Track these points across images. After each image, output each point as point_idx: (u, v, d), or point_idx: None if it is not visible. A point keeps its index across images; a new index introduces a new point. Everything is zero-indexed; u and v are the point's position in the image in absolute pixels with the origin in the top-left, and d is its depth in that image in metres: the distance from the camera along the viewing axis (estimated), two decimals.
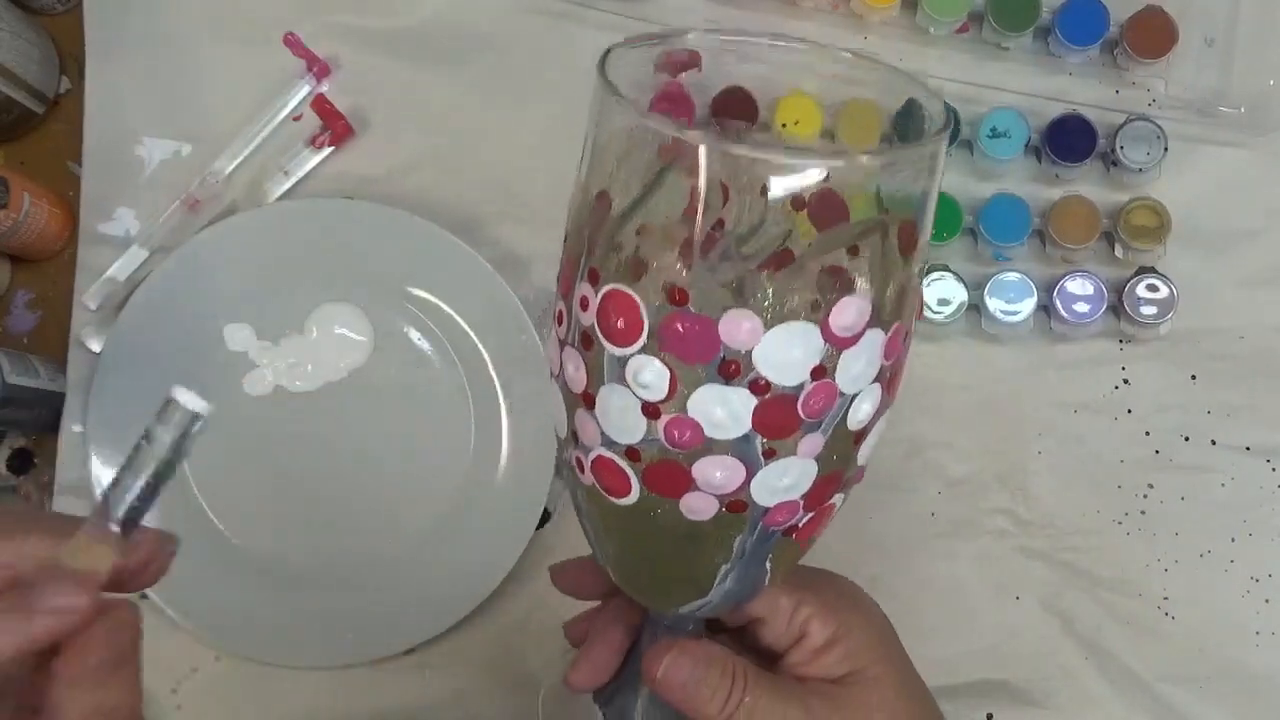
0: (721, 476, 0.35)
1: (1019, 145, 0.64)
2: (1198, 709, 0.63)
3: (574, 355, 0.35)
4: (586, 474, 0.37)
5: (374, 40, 0.67)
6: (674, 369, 0.34)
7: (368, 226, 0.65)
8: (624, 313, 0.34)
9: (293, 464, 0.65)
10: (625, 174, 0.35)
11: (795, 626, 0.42)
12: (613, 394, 0.35)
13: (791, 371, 0.34)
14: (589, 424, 0.36)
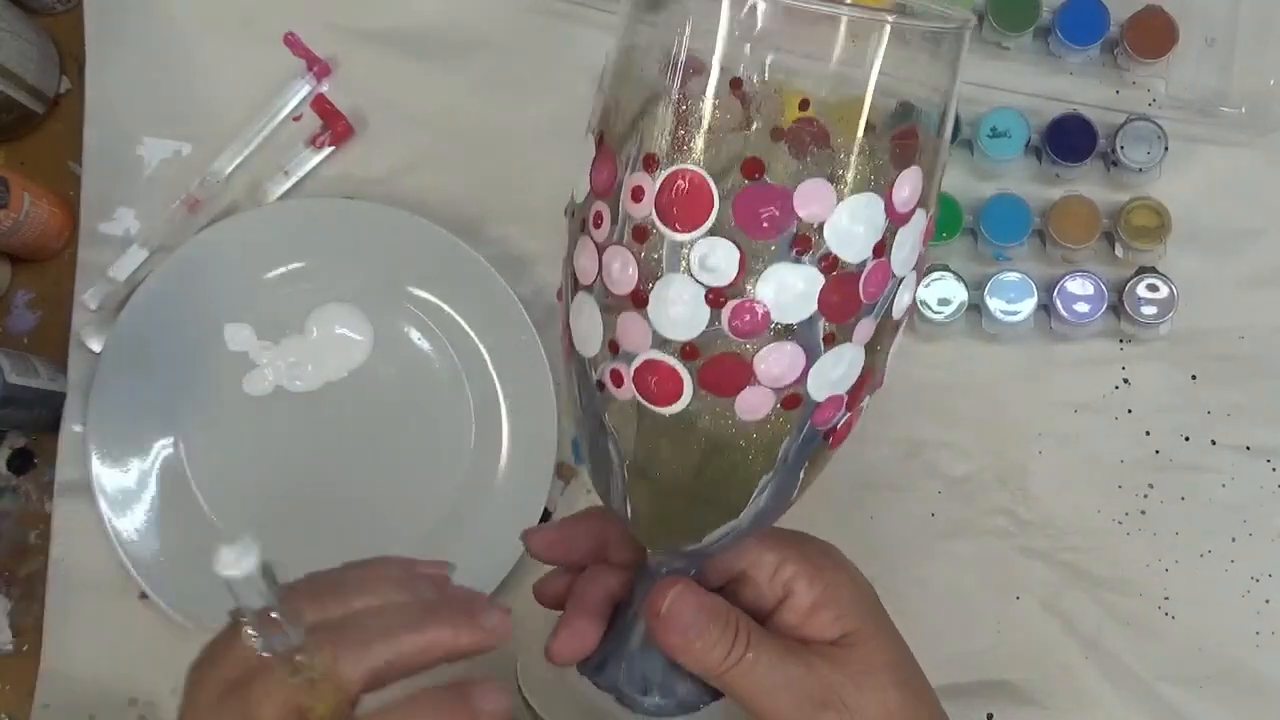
0: (781, 366, 0.35)
1: (1019, 145, 0.64)
2: (1198, 709, 0.63)
3: (620, 254, 0.34)
4: (625, 386, 0.35)
5: (374, 40, 0.67)
6: (744, 248, 0.33)
7: (368, 226, 0.65)
8: (692, 194, 0.33)
9: (293, 464, 0.65)
10: (663, 47, 0.33)
11: (779, 585, 0.41)
12: (671, 285, 0.34)
13: (857, 247, 0.34)
14: (636, 326, 0.34)
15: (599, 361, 0.36)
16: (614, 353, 0.36)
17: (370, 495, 0.65)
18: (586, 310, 0.36)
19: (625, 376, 0.35)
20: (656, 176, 0.33)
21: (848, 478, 0.65)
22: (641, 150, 0.33)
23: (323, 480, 0.65)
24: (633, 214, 0.34)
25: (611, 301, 0.35)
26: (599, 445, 0.38)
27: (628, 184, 0.34)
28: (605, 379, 0.36)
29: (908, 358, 0.66)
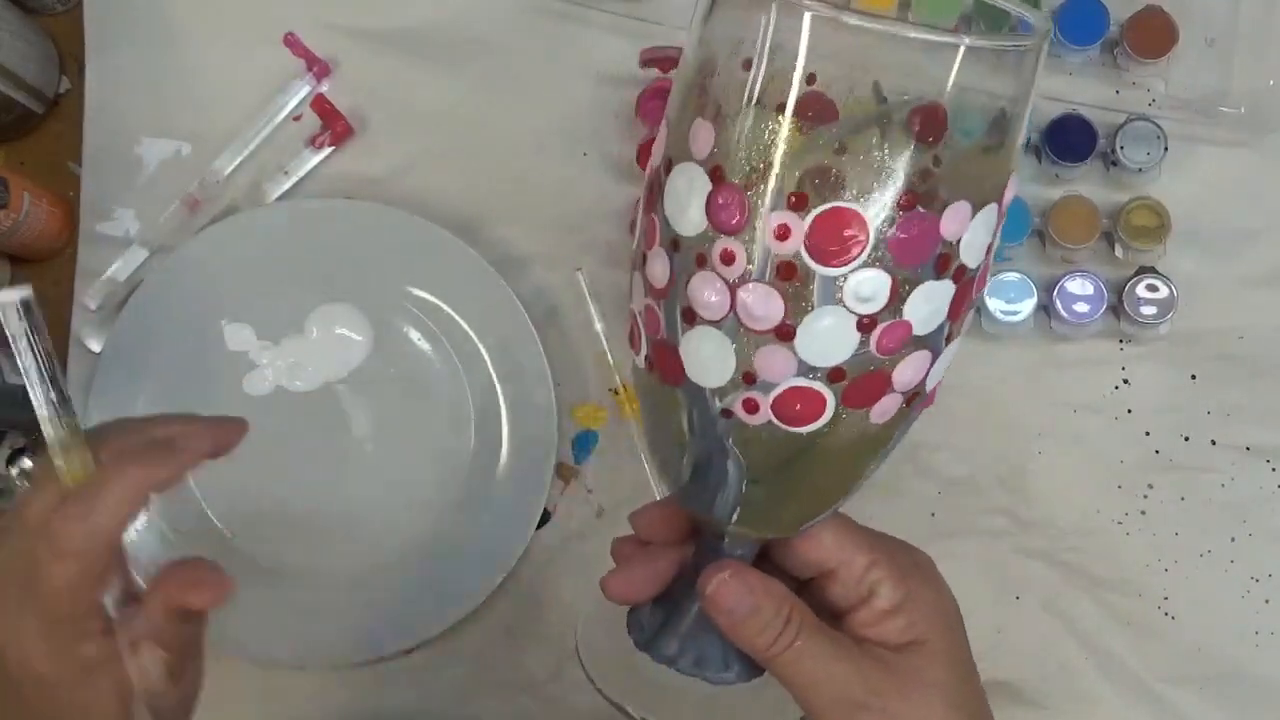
0: (914, 371, 0.37)
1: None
2: (1198, 709, 0.63)
3: (761, 290, 0.34)
4: (761, 413, 0.36)
5: (374, 40, 0.67)
6: (894, 274, 0.34)
7: (368, 226, 0.65)
8: (848, 229, 0.33)
9: (293, 464, 0.65)
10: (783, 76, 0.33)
11: (865, 586, 0.42)
12: (823, 317, 0.34)
13: (980, 253, 0.36)
14: (780, 358, 0.35)
15: (727, 391, 0.36)
16: (749, 383, 0.36)
17: (370, 495, 0.65)
18: (712, 345, 0.36)
19: (762, 404, 0.36)
20: (806, 215, 0.33)
21: None
22: (784, 188, 0.33)
23: (323, 480, 0.65)
24: (778, 251, 0.34)
25: (747, 335, 0.35)
26: (713, 466, 0.39)
27: (770, 222, 0.34)
28: (735, 407, 0.37)
29: None
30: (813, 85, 0.34)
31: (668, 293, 0.36)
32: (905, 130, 0.34)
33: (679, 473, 0.40)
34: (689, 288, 0.35)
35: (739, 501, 0.40)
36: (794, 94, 0.33)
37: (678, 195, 0.35)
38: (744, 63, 0.34)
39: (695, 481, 0.40)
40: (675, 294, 0.36)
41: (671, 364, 0.37)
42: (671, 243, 0.36)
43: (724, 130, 0.35)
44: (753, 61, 0.34)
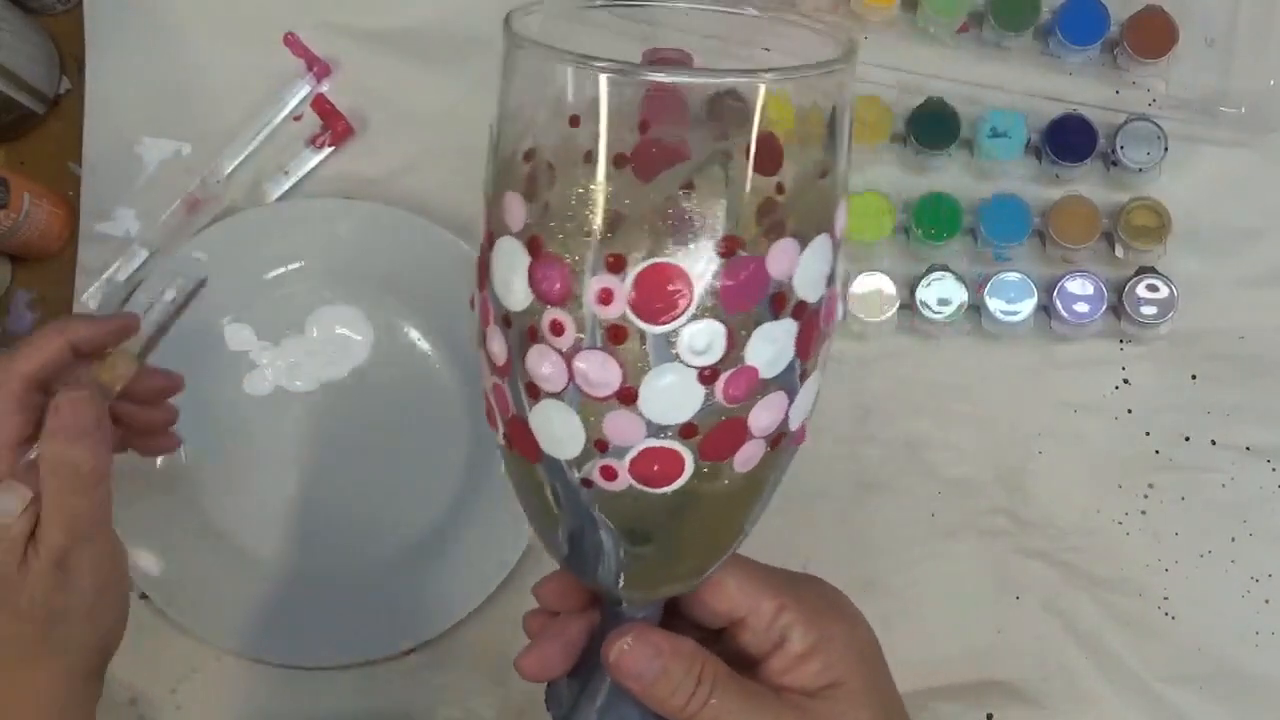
0: (771, 415, 0.35)
1: (1019, 145, 0.64)
2: (1198, 709, 0.63)
3: (596, 357, 0.33)
4: (620, 479, 0.35)
5: (374, 40, 0.67)
6: (727, 322, 0.33)
7: (368, 226, 0.65)
8: (669, 284, 0.32)
9: (293, 464, 0.65)
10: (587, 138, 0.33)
11: (776, 631, 0.41)
12: (663, 376, 0.33)
13: (818, 287, 0.35)
14: (627, 421, 0.34)
15: (583, 461, 0.35)
16: (602, 450, 0.35)
17: (370, 495, 0.65)
18: (559, 417, 0.35)
19: (620, 470, 0.35)
20: (626, 276, 0.32)
21: (848, 478, 0.65)
22: (600, 252, 0.33)
23: (322, 480, 0.65)
24: (603, 316, 0.33)
25: (590, 403, 0.34)
26: (586, 536, 0.38)
27: (590, 288, 0.33)
28: (593, 476, 0.36)
29: (907, 358, 0.66)
30: (645, 132, 0.34)
31: (509, 370, 0.36)
32: (728, 170, 0.33)
33: (558, 546, 0.39)
34: (526, 362, 0.35)
35: (621, 567, 0.39)
36: (602, 160, 0.33)
37: (501, 271, 0.34)
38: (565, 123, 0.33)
39: (574, 553, 0.39)
40: (516, 370, 0.35)
41: (526, 440, 0.36)
42: (503, 319, 0.35)
43: (535, 200, 0.34)
44: (563, 126, 0.33)
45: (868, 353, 0.66)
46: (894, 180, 0.66)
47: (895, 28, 0.66)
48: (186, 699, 0.64)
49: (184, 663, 0.64)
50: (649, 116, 0.34)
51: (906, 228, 0.65)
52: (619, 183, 0.33)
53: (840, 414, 0.66)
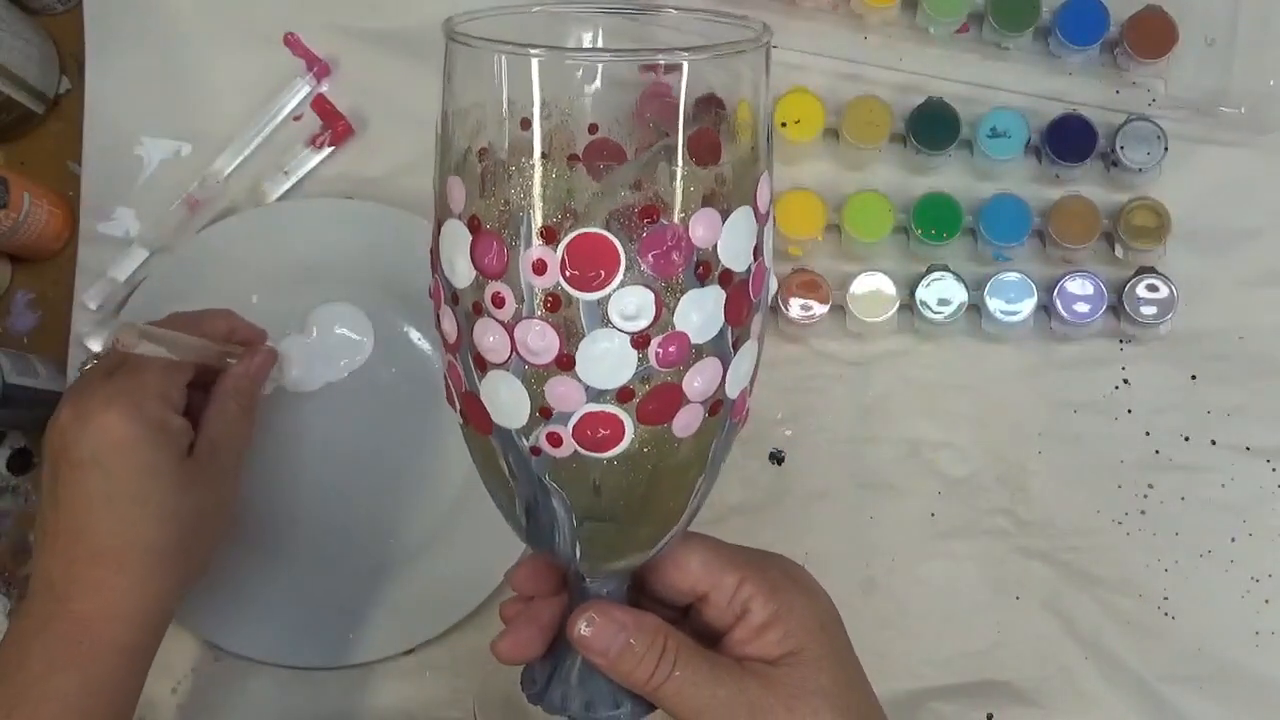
0: (705, 380, 0.37)
1: (1019, 145, 0.64)
2: (1198, 709, 0.63)
3: (534, 326, 0.35)
4: (565, 444, 0.37)
5: (374, 40, 0.67)
6: (654, 289, 0.35)
7: (368, 226, 0.65)
8: (598, 253, 0.35)
9: (293, 464, 0.65)
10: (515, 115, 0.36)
11: (737, 605, 0.42)
12: (597, 341, 0.35)
13: (743, 257, 0.37)
14: (567, 387, 0.36)
15: (530, 429, 0.37)
16: (546, 417, 0.37)
17: (371, 495, 0.65)
18: (505, 386, 0.37)
19: (564, 436, 0.37)
20: (558, 246, 0.35)
21: (848, 478, 0.65)
22: (532, 224, 0.35)
23: (323, 480, 0.65)
24: (539, 285, 0.35)
25: (532, 371, 0.36)
26: (540, 505, 0.40)
27: (525, 259, 0.35)
28: (541, 443, 0.38)
29: (907, 357, 0.66)
30: (594, 134, 0.37)
31: (459, 345, 0.38)
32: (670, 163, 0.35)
33: (517, 519, 0.41)
34: (473, 336, 0.37)
35: (575, 536, 0.40)
36: (537, 138, 0.35)
37: (447, 251, 0.37)
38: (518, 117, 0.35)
39: (531, 524, 0.41)
40: (464, 345, 0.37)
41: (478, 413, 0.38)
42: (452, 297, 0.37)
43: (474, 183, 0.36)
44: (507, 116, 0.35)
45: (868, 353, 0.66)
46: (894, 180, 0.66)
47: (895, 28, 0.66)
48: (186, 699, 0.64)
49: (184, 663, 0.64)
50: (642, 111, 0.37)
51: (906, 228, 0.65)
52: (556, 168, 0.35)
53: (840, 414, 0.66)
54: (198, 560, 0.55)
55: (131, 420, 0.51)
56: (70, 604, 0.50)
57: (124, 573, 0.51)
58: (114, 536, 0.51)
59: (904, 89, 0.66)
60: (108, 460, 0.50)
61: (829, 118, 0.64)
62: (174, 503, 0.52)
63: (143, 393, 0.52)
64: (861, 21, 0.66)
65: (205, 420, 0.56)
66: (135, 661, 0.52)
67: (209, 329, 0.58)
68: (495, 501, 0.42)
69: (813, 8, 0.66)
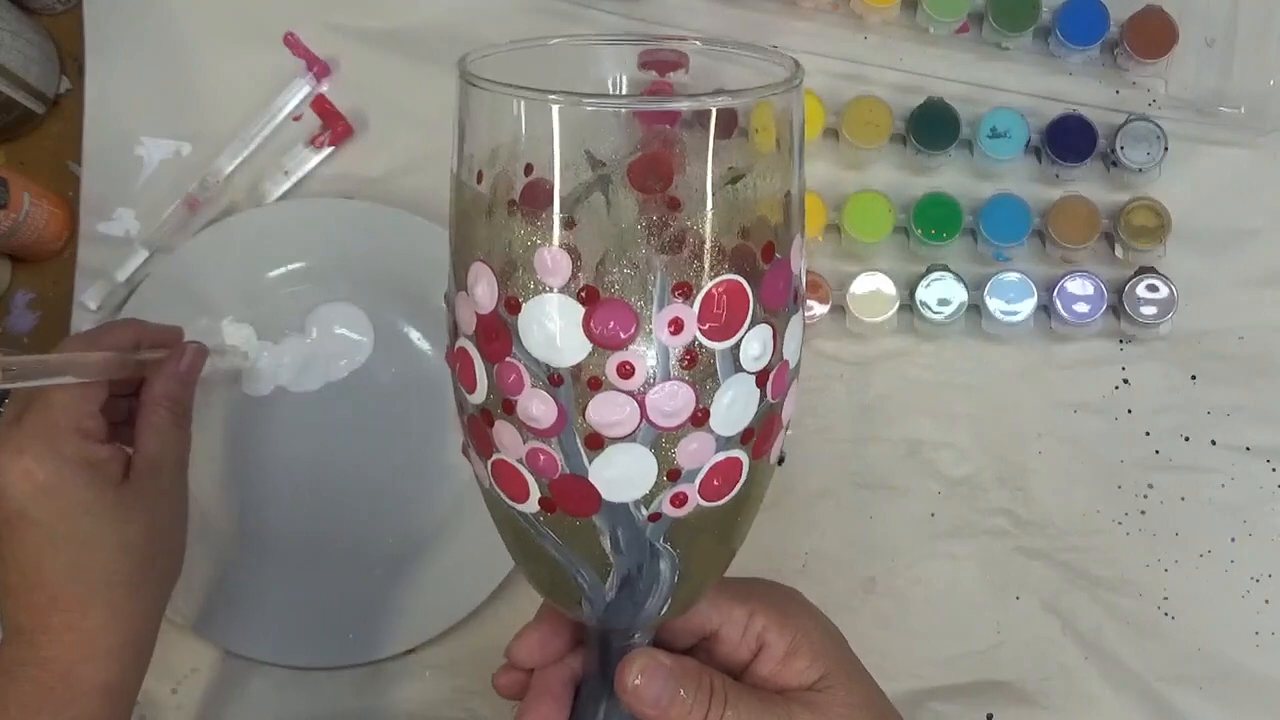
0: (792, 403, 0.37)
1: (1019, 145, 0.64)
2: (1198, 709, 0.63)
3: (670, 389, 0.33)
4: (690, 502, 0.35)
5: (374, 40, 0.67)
6: (773, 324, 0.35)
7: (368, 226, 0.65)
8: (733, 299, 0.33)
9: (293, 464, 0.65)
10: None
11: (751, 638, 0.41)
12: (730, 389, 0.34)
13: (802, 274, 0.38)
14: (700, 443, 0.34)
15: (654, 495, 0.35)
16: (674, 479, 0.35)
17: (370, 495, 0.65)
18: (628, 458, 0.35)
19: (690, 493, 0.35)
20: (694, 301, 0.33)
21: (848, 478, 0.65)
22: (666, 283, 0.33)
23: (323, 480, 0.65)
24: (676, 345, 0.33)
25: (662, 434, 0.34)
26: (645, 572, 0.37)
27: (660, 321, 0.33)
28: (663, 508, 0.36)
29: (907, 357, 0.66)
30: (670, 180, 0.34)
31: (560, 428, 0.34)
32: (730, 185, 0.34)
33: (601, 598, 0.38)
34: (588, 415, 0.34)
35: (672, 592, 0.38)
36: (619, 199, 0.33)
37: (544, 330, 0.33)
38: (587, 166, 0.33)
39: (624, 597, 0.38)
40: (571, 427, 0.34)
41: (582, 496, 0.35)
42: (549, 380, 0.34)
43: (585, 247, 0.33)
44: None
45: (868, 353, 0.66)
46: (894, 180, 0.66)
47: (895, 28, 0.66)
48: (186, 699, 0.64)
49: (184, 663, 0.64)
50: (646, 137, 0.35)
51: (906, 228, 0.65)
52: (658, 213, 0.33)
53: (841, 414, 0.66)
54: (165, 578, 0.53)
55: (50, 463, 0.48)
56: (41, 650, 0.48)
57: (89, 614, 0.49)
58: (69, 582, 0.49)
59: (904, 89, 0.66)
60: (38, 510, 0.48)
61: (829, 118, 0.64)
62: (119, 535, 0.50)
63: (54, 431, 0.49)
64: (861, 21, 0.66)
65: (137, 435, 0.53)
66: (116, 699, 0.50)
67: (112, 342, 0.54)
68: (564, 593, 0.39)
69: (813, 8, 0.66)
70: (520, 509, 0.37)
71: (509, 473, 0.36)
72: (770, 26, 0.66)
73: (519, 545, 0.39)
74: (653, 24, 0.66)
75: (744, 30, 0.66)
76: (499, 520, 0.40)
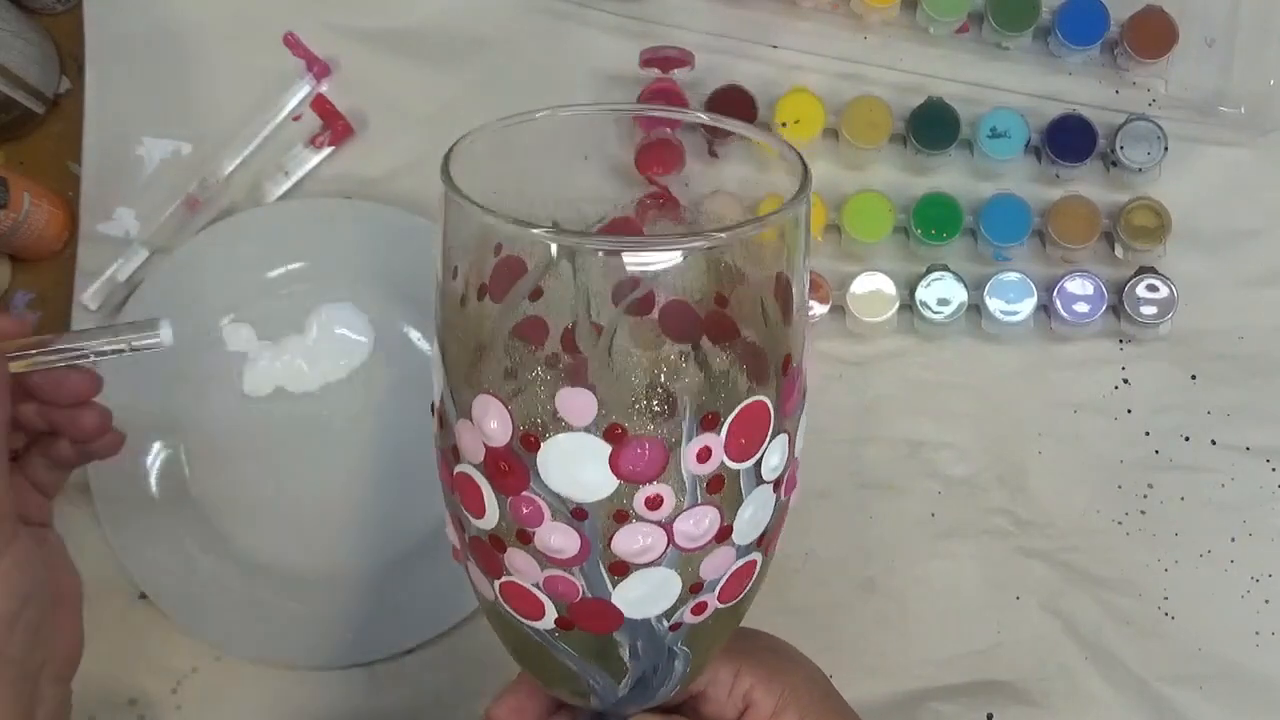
0: (795, 492, 0.37)
1: (1019, 145, 0.64)
2: (1198, 709, 0.63)
3: (697, 514, 0.34)
4: (709, 609, 0.36)
5: (374, 40, 0.67)
6: (789, 431, 0.35)
7: (368, 226, 0.65)
8: (756, 420, 0.33)
9: (293, 464, 0.65)
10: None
11: (738, 696, 0.41)
12: (752, 502, 0.35)
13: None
14: (723, 557, 0.35)
15: (675, 609, 0.36)
16: (697, 591, 0.35)
17: (370, 496, 0.65)
18: (652, 581, 0.35)
19: (710, 601, 0.36)
20: (721, 429, 0.33)
21: (848, 478, 0.65)
22: (695, 414, 0.32)
23: (322, 481, 0.65)
24: (703, 473, 0.33)
25: (687, 555, 0.34)
26: (659, 671, 0.38)
27: (688, 453, 0.33)
28: (684, 618, 0.36)
29: (907, 358, 0.66)
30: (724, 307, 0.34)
31: (584, 558, 0.34)
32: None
33: (612, 695, 0.38)
34: (614, 545, 0.33)
35: (681, 682, 0.39)
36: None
37: (565, 468, 0.33)
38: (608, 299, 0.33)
39: (636, 693, 0.38)
40: (595, 557, 0.34)
41: (603, 615, 0.35)
42: (573, 513, 0.33)
43: (604, 387, 0.32)
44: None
45: (868, 353, 0.66)
46: (894, 180, 0.66)
47: (895, 28, 0.66)
48: (186, 699, 0.64)
49: (184, 663, 0.64)
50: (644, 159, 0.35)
51: (906, 228, 0.65)
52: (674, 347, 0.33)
53: (840, 414, 0.66)
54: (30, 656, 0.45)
55: None
56: None
57: None
58: None
59: (904, 89, 0.66)
60: None
61: (829, 118, 0.64)
62: None
63: None
64: (861, 21, 0.66)
65: None
66: None
67: None
68: (572, 693, 0.39)
69: (812, 8, 0.66)
70: (533, 625, 0.36)
71: (522, 594, 0.36)
72: (770, 26, 0.66)
73: (524, 653, 0.39)
74: (653, 24, 0.66)
75: (744, 30, 0.66)
76: (502, 630, 0.39)
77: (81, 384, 0.50)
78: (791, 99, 0.64)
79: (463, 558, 0.38)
